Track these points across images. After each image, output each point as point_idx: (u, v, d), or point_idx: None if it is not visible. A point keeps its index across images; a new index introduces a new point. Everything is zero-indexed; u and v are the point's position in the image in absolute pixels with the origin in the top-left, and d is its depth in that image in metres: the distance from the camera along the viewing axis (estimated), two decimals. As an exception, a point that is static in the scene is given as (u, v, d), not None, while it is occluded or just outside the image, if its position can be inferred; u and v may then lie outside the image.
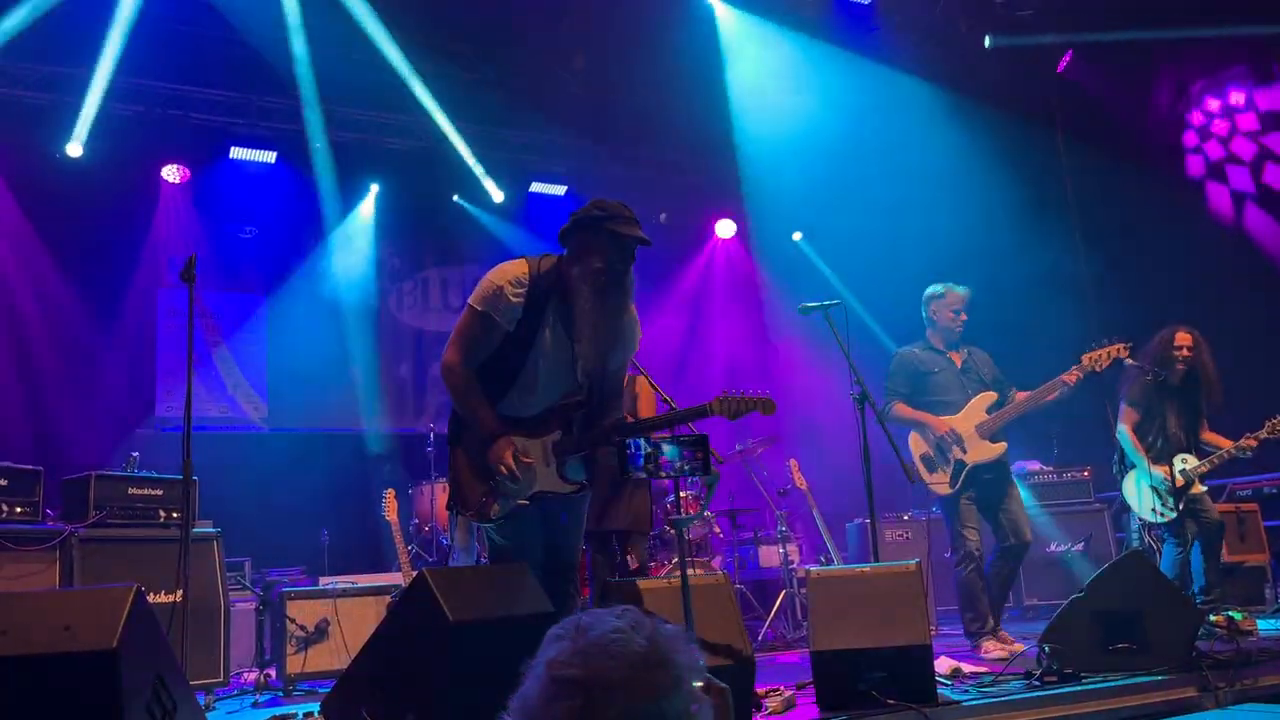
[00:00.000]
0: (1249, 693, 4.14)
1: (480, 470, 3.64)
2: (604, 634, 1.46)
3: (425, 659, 3.13)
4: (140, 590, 2.84)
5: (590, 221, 3.66)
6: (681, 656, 1.48)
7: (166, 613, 4.28)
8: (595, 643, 1.45)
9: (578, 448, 3.68)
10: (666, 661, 1.45)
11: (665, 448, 2.85)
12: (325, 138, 9.44)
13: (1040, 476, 7.74)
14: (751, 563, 7.83)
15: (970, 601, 5.42)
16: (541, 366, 3.70)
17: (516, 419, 3.69)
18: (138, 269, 8.93)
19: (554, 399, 3.72)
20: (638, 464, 2.66)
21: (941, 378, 5.68)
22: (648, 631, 1.47)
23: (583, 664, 1.43)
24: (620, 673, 1.42)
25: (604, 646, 1.44)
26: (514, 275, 3.68)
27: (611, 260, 3.63)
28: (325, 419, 9.63)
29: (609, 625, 1.48)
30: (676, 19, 9.24)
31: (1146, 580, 4.48)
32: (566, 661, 1.44)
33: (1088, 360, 5.48)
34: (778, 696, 3.91)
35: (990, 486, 5.52)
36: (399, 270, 10.36)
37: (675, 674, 1.45)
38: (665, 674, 1.44)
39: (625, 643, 1.44)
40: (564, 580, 3.86)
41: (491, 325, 3.68)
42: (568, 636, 1.48)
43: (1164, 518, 5.83)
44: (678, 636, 1.51)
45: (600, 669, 1.42)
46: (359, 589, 6.08)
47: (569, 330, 3.70)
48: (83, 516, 5.16)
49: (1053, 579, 7.42)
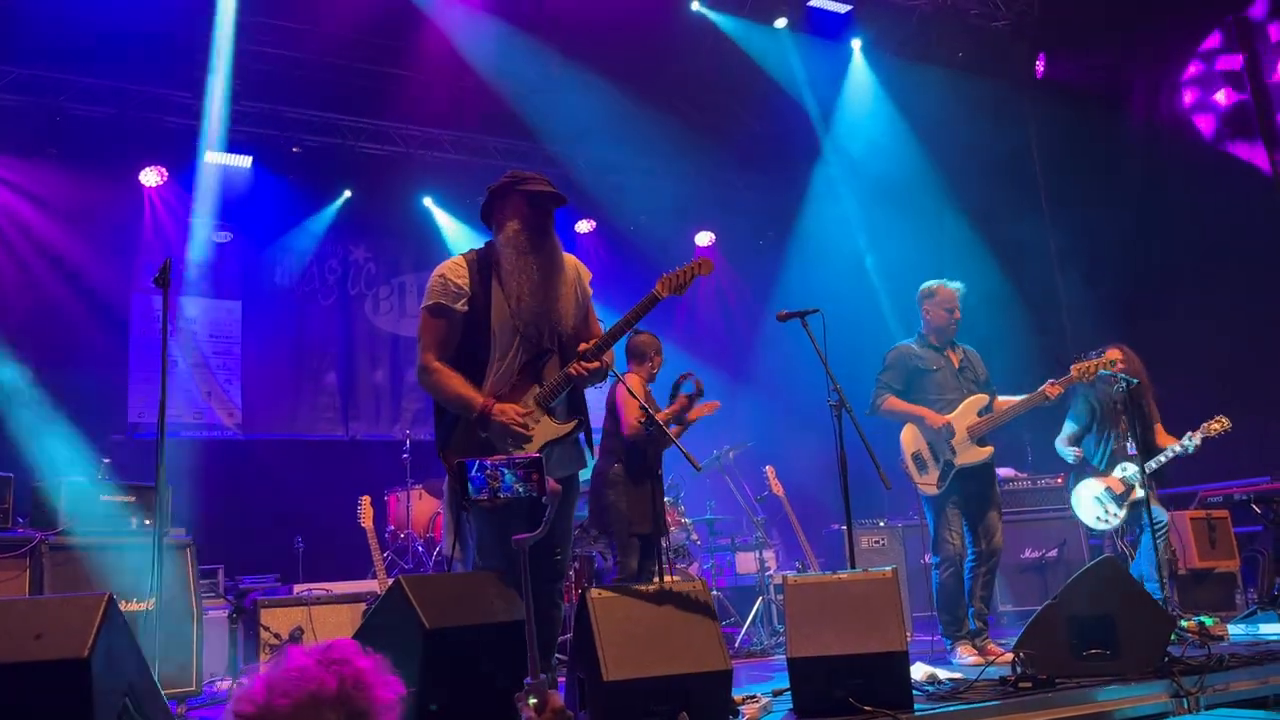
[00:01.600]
0: (1220, 698, 4.18)
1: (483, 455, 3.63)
2: (285, 671, 1.52)
3: (401, 665, 3.11)
4: (112, 598, 2.81)
5: (501, 189, 3.88)
6: (365, 695, 1.53)
7: (138, 621, 4.23)
8: (275, 680, 1.51)
9: (555, 390, 3.78)
10: (345, 699, 1.50)
11: (504, 473, 2.88)
12: (301, 142, 9.41)
13: (1015, 483, 7.78)
14: (729, 569, 7.85)
15: (948, 604, 5.44)
16: (497, 339, 3.77)
17: (498, 397, 3.74)
18: (112, 274, 8.85)
19: (514, 365, 3.78)
20: (479, 487, 2.69)
21: (940, 376, 5.64)
22: (337, 670, 1.52)
23: (256, 701, 1.49)
24: (286, 711, 1.47)
25: (279, 684, 1.50)
26: (451, 264, 3.89)
27: (527, 218, 3.80)
28: (300, 425, 9.58)
29: (292, 664, 1.53)
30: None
31: (1119, 586, 4.52)
32: (244, 696, 1.51)
33: (1076, 371, 5.53)
34: (754, 704, 3.91)
35: (975, 491, 5.53)
36: (375, 275, 10.32)
37: (353, 710, 1.50)
38: (337, 712, 1.49)
39: (301, 680, 1.49)
40: (550, 587, 3.86)
41: (446, 312, 3.79)
42: (262, 672, 1.55)
43: (1108, 524, 6.14)
44: (372, 673, 1.56)
45: (272, 706, 1.47)
46: (333, 596, 6.05)
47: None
48: (53, 524, 5.09)
49: (1027, 586, 7.46)
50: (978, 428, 5.50)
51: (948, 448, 5.46)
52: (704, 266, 3.86)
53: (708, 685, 3.47)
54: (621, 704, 3.35)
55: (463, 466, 2.73)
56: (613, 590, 3.74)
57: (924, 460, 5.54)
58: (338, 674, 1.53)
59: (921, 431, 5.56)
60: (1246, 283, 8.09)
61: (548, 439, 3.74)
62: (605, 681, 3.32)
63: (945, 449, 5.46)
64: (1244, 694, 4.27)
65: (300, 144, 9.58)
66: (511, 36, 8.85)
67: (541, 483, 2.70)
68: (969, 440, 5.47)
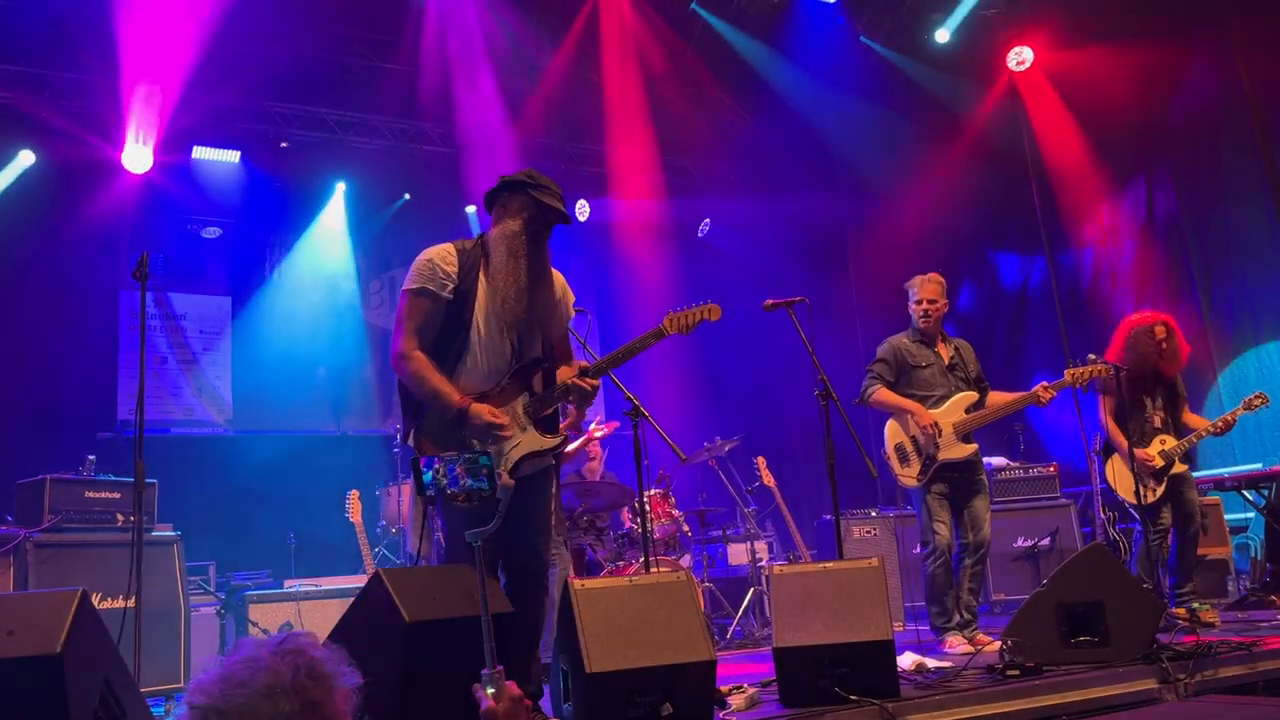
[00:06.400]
0: (1209, 685, 4.16)
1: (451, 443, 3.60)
2: (240, 661, 1.52)
3: (381, 659, 3.09)
4: (85, 594, 2.78)
5: (516, 184, 3.77)
6: (321, 686, 1.53)
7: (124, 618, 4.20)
8: (230, 671, 1.51)
9: (545, 402, 3.74)
10: (299, 689, 1.50)
11: (453, 469, 2.87)
12: (290, 137, 9.38)
13: (1006, 473, 7.77)
14: (721, 561, 7.82)
15: (936, 595, 5.42)
16: (479, 335, 3.70)
17: (481, 396, 3.67)
18: (99, 270, 8.81)
19: (499, 367, 3.72)
20: (428, 483, 2.69)
21: (927, 373, 5.62)
22: (292, 660, 1.53)
23: (211, 692, 1.49)
24: (241, 701, 1.47)
25: (235, 674, 1.50)
26: (441, 250, 3.79)
27: (527, 224, 3.72)
28: (291, 421, 9.55)
29: (246, 654, 1.53)
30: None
31: (1109, 573, 4.50)
32: (200, 687, 1.51)
33: (1070, 375, 5.53)
34: (741, 694, 3.89)
35: (960, 484, 5.51)
36: (365, 270, 10.29)
37: (308, 700, 1.50)
38: (291, 701, 1.48)
39: (255, 670, 1.50)
40: (534, 581, 3.83)
41: (430, 297, 3.71)
42: (218, 663, 1.55)
43: (1145, 500, 5.86)
44: (328, 663, 1.56)
45: (227, 697, 1.48)
46: (322, 591, 6.04)
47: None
48: (37, 521, 5.08)
49: (1020, 575, 7.45)
50: (964, 424, 5.49)
51: (932, 443, 5.45)
52: (712, 312, 3.88)
53: (692, 676, 3.44)
54: (605, 695, 3.33)
55: (417, 464, 2.72)
56: (596, 581, 3.72)
57: (906, 452, 5.53)
58: (292, 664, 1.52)
59: (908, 425, 5.55)
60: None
61: (530, 450, 3.68)
62: (588, 673, 3.30)
63: (930, 443, 5.45)
64: (1234, 680, 4.25)
65: (289, 138, 9.55)
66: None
67: (492, 477, 2.68)
68: (954, 436, 5.46)
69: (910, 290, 5.76)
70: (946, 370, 5.65)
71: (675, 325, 3.81)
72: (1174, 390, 6.15)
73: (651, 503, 6.70)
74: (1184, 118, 8.61)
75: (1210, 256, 8.42)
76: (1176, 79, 8.57)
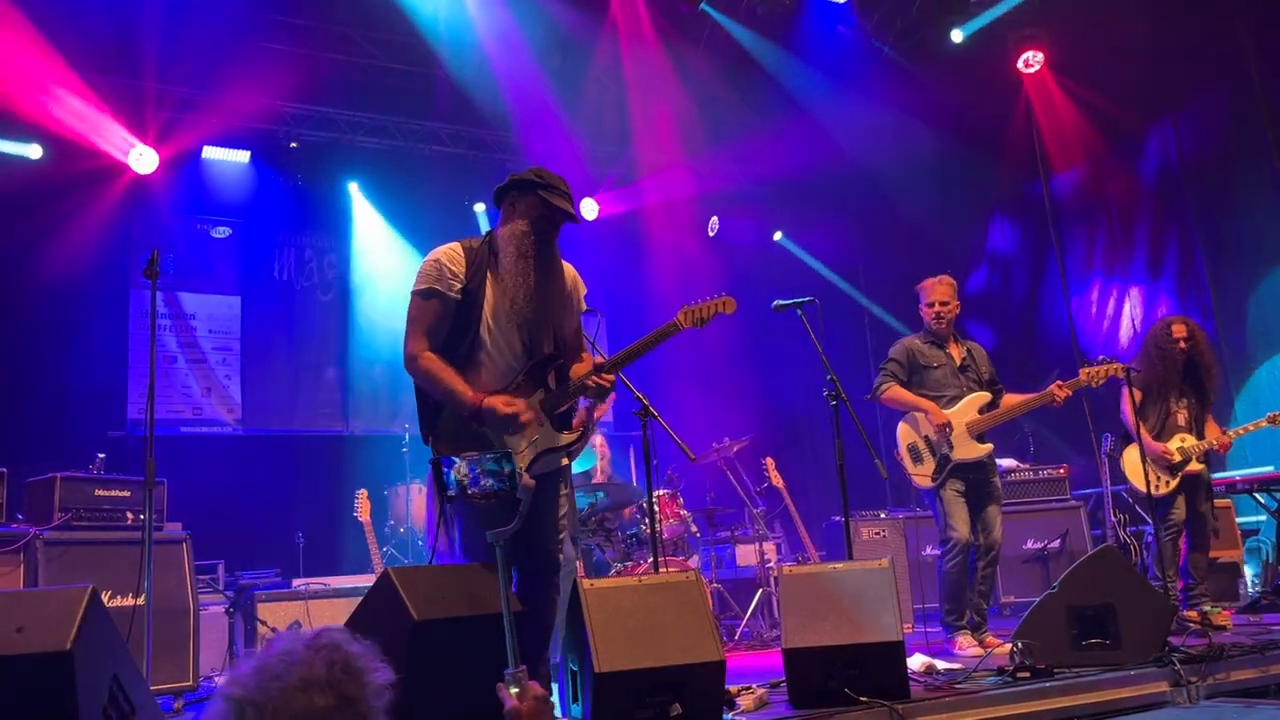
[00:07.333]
0: (1221, 687, 4.15)
1: (469, 442, 3.58)
2: (275, 655, 1.52)
3: (389, 657, 3.08)
4: (95, 591, 2.78)
5: (525, 184, 3.75)
6: (355, 681, 1.54)
7: (133, 616, 4.21)
8: (265, 664, 1.51)
9: (561, 398, 3.72)
10: (334, 683, 1.50)
11: (475, 469, 2.84)
12: (299, 137, 9.40)
13: (1017, 474, 7.74)
14: (729, 561, 7.81)
15: (951, 594, 5.41)
16: (489, 334, 3.69)
17: (494, 392, 3.66)
18: (110, 270, 8.84)
19: (512, 364, 3.71)
20: (451, 483, 2.68)
21: (939, 373, 5.64)
22: (327, 655, 1.53)
23: (246, 684, 1.49)
24: (275, 694, 1.47)
25: (270, 667, 1.50)
26: (448, 249, 3.77)
27: (535, 224, 3.70)
28: (300, 420, 9.57)
29: (281, 648, 1.54)
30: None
31: (1119, 575, 4.48)
32: (235, 680, 1.51)
33: (1085, 375, 5.51)
34: (750, 695, 3.88)
35: (975, 485, 5.50)
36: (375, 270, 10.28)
37: (343, 695, 1.51)
38: (325, 696, 1.49)
39: (290, 664, 1.50)
40: (545, 580, 3.81)
41: (439, 298, 3.69)
42: (253, 656, 1.55)
43: (1156, 490, 5.86)
44: (362, 658, 1.57)
45: (262, 690, 1.47)
46: (330, 590, 6.04)
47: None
48: (47, 519, 5.07)
49: (1030, 577, 7.42)
50: (977, 424, 5.48)
51: (946, 442, 5.44)
52: (727, 304, 3.83)
53: (701, 676, 3.43)
54: (614, 695, 3.32)
55: (438, 463, 2.71)
56: (606, 581, 3.70)
57: (919, 452, 5.53)
58: (327, 659, 1.52)
59: (920, 425, 5.55)
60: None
61: (547, 447, 3.67)
62: (598, 673, 3.30)
63: (944, 443, 5.44)
64: (1245, 683, 4.23)
65: (298, 138, 9.57)
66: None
67: (514, 477, 2.67)
68: (968, 437, 5.45)
69: (922, 293, 5.77)
70: (958, 371, 5.65)
71: (690, 319, 3.77)
72: (1203, 393, 6.13)
73: (659, 503, 6.70)
74: (1194, 132, 8.61)
75: (1222, 269, 8.39)
76: (1187, 94, 8.57)
